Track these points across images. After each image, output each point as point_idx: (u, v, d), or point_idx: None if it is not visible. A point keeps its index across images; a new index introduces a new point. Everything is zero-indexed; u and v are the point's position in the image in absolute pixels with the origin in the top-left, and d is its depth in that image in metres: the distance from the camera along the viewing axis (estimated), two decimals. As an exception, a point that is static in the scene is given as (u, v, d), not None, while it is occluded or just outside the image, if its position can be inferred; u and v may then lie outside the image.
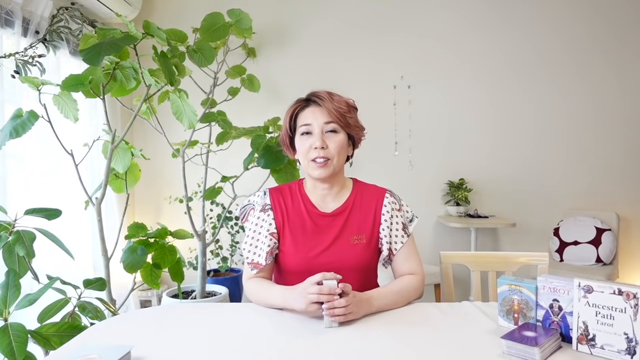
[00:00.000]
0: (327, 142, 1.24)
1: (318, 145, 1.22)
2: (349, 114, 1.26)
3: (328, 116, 1.24)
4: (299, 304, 1.07)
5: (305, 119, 1.26)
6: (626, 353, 0.85)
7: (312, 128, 1.25)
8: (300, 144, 1.27)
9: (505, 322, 1.05)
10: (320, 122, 1.24)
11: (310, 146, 1.24)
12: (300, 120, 1.27)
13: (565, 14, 3.27)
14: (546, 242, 3.25)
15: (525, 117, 3.31)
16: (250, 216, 1.34)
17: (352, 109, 1.28)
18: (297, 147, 1.29)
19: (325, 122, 1.24)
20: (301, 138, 1.27)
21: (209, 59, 2.44)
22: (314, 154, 1.23)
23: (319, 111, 1.25)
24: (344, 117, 1.25)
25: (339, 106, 1.24)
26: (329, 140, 1.24)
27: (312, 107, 1.27)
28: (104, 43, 1.68)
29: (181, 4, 3.41)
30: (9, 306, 1.50)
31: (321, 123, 1.24)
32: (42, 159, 2.38)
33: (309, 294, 1.04)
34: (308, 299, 1.04)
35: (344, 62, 3.37)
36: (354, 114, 1.29)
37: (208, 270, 3.02)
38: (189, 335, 1.03)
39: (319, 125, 1.24)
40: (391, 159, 3.38)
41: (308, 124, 1.25)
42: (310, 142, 1.24)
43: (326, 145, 1.23)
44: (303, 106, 1.29)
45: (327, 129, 1.25)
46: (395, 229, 1.31)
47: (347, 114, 1.26)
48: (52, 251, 1.78)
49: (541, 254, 1.48)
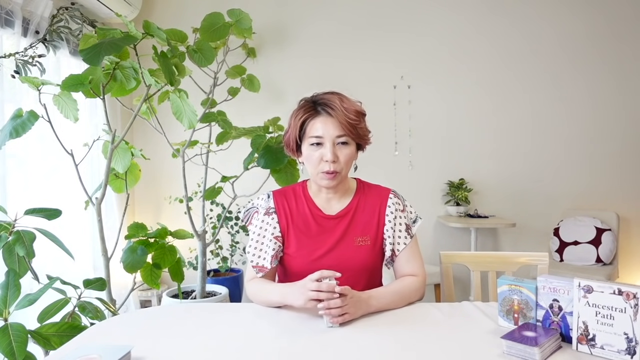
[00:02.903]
0: (337, 155, 1.22)
1: (329, 159, 1.20)
2: (359, 124, 1.23)
3: (340, 129, 1.21)
4: (298, 300, 1.08)
5: (316, 130, 1.22)
6: (626, 353, 0.85)
7: (323, 140, 1.22)
8: (310, 153, 1.24)
9: (505, 322, 1.05)
10: (332, 134, 1.21)
11: (321, 158, 1.22)
12: (311, 129, 1.24)
13: (564, 14, 3.27)
14: (546, 242, 3.25)
15: (525, 117, 3.31)
16: (254, 219, 1.33)
17: (361, 117, 1.25)
18: (306, 155, 1.26)
19: (337, 136, 1.21)
20: (311, 147, 1.24)
21: (209, 59, 2.45)
22: (325, 166, 1.22)
23: (331, 123, 1.21)
24: (355, 128, 1.22)
25: (350, 117, 1.21)
26: (339, 152, 1.22)
27: (323, 116, 1.23)
28: (104, 43, 1.68)
29: (181, 4, 3.40)
30: (9, 306, 1.50)
31: (333, 136, 1.21)
32: (42, 159, 2.38)
33: (308, 290, 1.05)
34: (307, 296, 1.05)
35: (344, 62, 3.37)
36: (363, 121, 1.26)
37: (208, 270, 3.02)
38: (189, 335, 1.03)
39: (330, 138, 1.21)
40: (391, 159, 3.38)
41: (320, 136, 1.22)
42: (321, 153, 1.22)
43: (337, 158, 1.22)
44: (313, 114, 1.24)
45: (339, 141, 1.22)
46: (399, 230, 1.30)
47: (358, 124, 1.23)
48: (52, 251, 1.78)
49: (541, 254, 1.48)
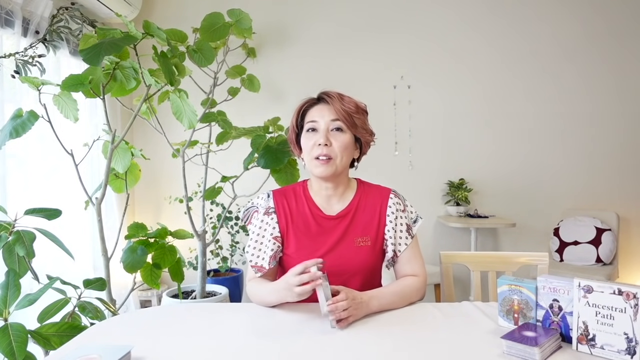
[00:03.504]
0: (331, 140, 1.23)
1: (322, 142, 1.22)
2: (356, 114, 1.25)
3: (334, 114, 1.24)
4: (289, 297, 1.10)
5: (312, 116, 1.27)
6: (626, 353, 0.85)
7: (317, 125, 1.25)
8: (305, 141, 1.27)
9: (505, 322, 1.05)
10: (327, 119, 1.24)
11: (315, 143, 1.24)
12: (308, 117, 1.28)
13: (564, 15, 3.27)
14: (546, 242, 3.25)
15: (525, 117, 3.31)
16: (254, 219, 1.33)
17: (360, 111, 1.27)
18: (302, 144, 1.29)
19: (331, 120, 1.24)
20: (306, 135, 1.27)
21: (209, 59, 2.45)
22: (317, 150, 1.23)
23: (327, 109, 1.25)
24: (351, 116, 1.24)
25: (348, 106, 1.24)
26: (333, 138, 1.24)
27: (320, 104, 1.28)
28: (104, 43, 1.68)
29: (181, 4, 3.40)
30: (9, 306, 1.50)
31: (327, 120, 1.24)
32: (42, 159, 2.38)
33: (292, 286, 1.06)
34: (295, 292, 1.06)
35: (344, 62, 3.37)
36: (362, 116, 1.28)
37: (208, 270, 3.02)
38: (189, 335, 1.03)
39: (325, 123, 1.24)
40: (391, 159, 3.38)
41: (314, 120, 1.26)
42: (314, 139, 1.25)
43: (330, 143, 1.23)
44: (312, 103, 1.29)
45: (333, 126, 1.24)
46: (400, 230, 1.30)
47: (355, 114, 1.25)
48: (52, 251, 1.78)
49: (541, 254, 1.48)
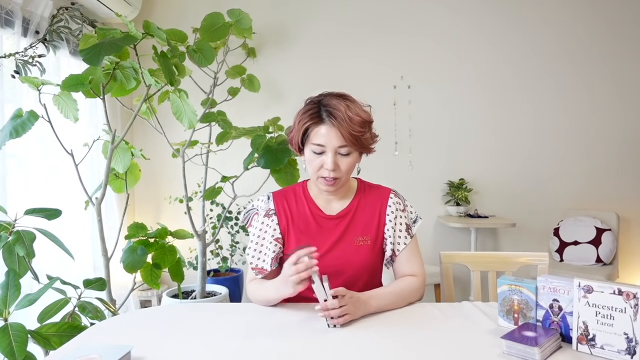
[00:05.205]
0: (338, 164, 1.21)
1: (329, 168, 1.19)
2: (363, 135, 1.20)
3: (342, 140, 1.18)
4: (288, 290, 1.09)
5: (319, 139, 1.20)
6: (626, 353, 0.85)
7: (324, 149, 1.20)
8: (311, 159, 1.23)
9: (505, 322, 1.05)
10: (335, 144, 1.19)
11: (322, 165, 1.21)
12: (313, 137, 1.21)
13: (564, 15, 3.27)
14: (546, 242, 3.25)
15: (525, 117, 3.31)
16: (254, 221, 1.33)
17: (366, 126, 1.22)
18: (307, 158, 1.25)
19: (339, 146, 1.20)
20: (312, 154, 1.23)
21: (209, 59, 2.45)
22: (324, 173, 1.21)
23: (334, 133, 1.18)
24: (359, 140, 1.20)
25: (354, 128, 1.18)
26: (340, 161, 1.21)
27: (326, 125, 1.19)
28: (104, 43, 1.68)
29: (181, 4, 3.40)
30: (9, 306, 1.50)
31: (335, 146, 1.19)
32: (42, 159, 2.38)
33: (289, 277, 1.06)
34: (291, 282, 1.06)
35: (344, 62, 3.37)
36: (368, 131, 1.23)
37: (208, 270, 3.02)
38: (188, 335, 1.03)
39: (332, 148, 1.19)
40: (391, 159, 3.37)
41: (321, 144, 1.20)
42: (322, 160, 1.21)
43: (337, 167, 1.21)
44: (317, 122, 1.21)
45: (341, 151, 1.21)
46: (399, 230, 1.30)
47: (362, 135, 1.20)
48: (52, 251, 1.78)
49: (541, 254, 1.48)
